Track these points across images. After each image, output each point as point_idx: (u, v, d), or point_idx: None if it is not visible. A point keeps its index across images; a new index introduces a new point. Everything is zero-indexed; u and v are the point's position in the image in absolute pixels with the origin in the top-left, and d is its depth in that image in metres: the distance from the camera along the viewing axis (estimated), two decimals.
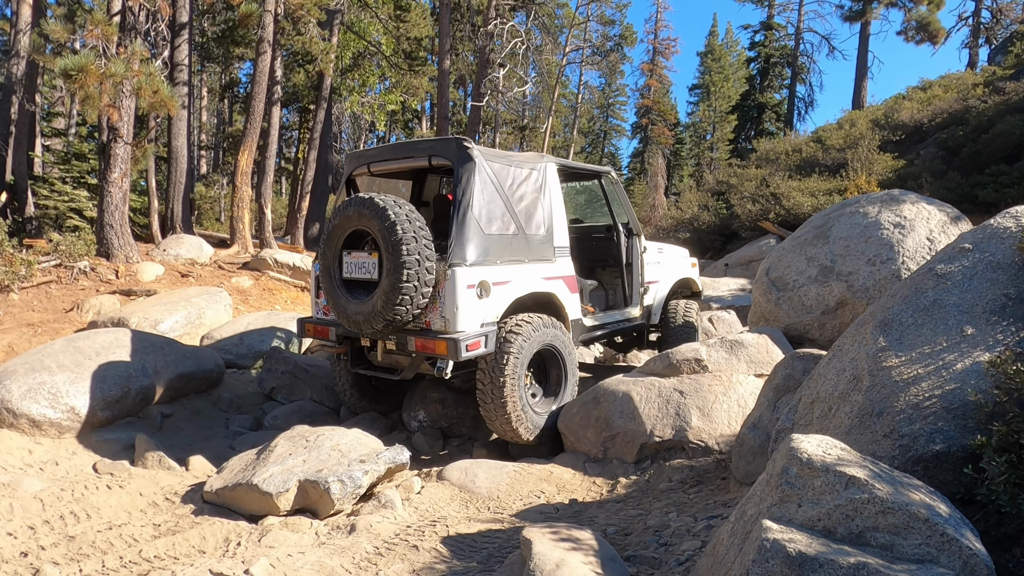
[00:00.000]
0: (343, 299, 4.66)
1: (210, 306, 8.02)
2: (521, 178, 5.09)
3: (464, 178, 4.63)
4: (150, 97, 9.18)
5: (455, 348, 4.37)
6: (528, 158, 5.29)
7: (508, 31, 16.92)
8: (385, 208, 4.37)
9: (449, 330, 4.48)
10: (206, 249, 11.57)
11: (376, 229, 4.40)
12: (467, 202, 4.58)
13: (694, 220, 18.25)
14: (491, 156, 4.87)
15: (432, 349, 4.48)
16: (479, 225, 4.64)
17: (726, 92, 45.74)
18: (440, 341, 4.42)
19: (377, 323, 4.47)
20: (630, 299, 6.35)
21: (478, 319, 4.59)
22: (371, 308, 4.45)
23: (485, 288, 4.63)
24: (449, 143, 4.83)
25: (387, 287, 4.34)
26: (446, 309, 4.49)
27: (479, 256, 4.61)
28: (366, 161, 5.39)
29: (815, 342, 5.17)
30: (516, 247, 4.93)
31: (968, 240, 3.12)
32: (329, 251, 4.76)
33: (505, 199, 4.90)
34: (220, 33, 17.71)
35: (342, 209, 4.63)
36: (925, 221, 4.97)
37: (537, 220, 5.15)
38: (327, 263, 4.77)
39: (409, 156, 5.15)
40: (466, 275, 4.50)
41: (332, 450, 4.20)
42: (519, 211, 5.01)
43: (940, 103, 17.34)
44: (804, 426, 3.08)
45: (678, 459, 4.46)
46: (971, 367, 2.61)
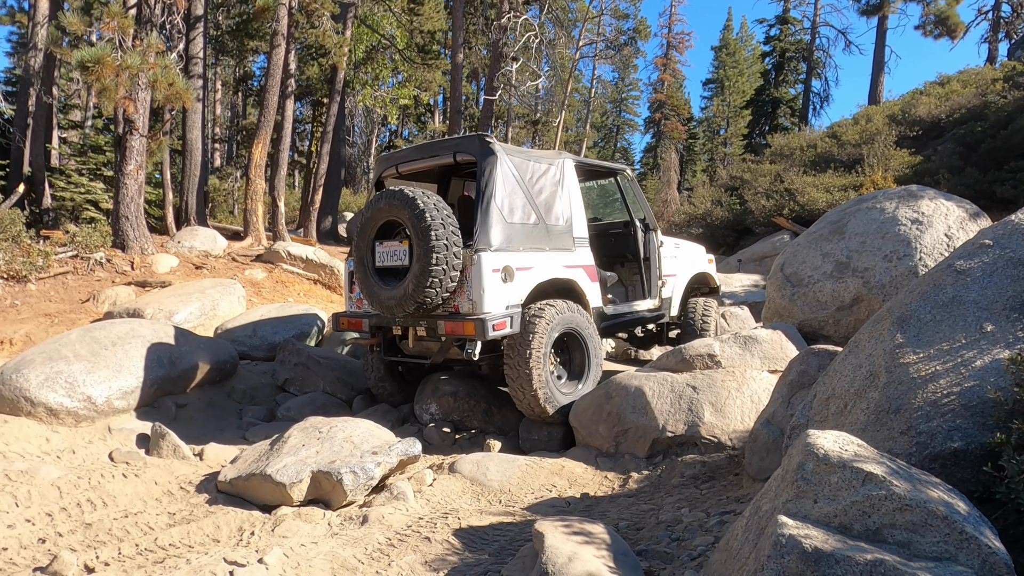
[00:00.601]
0: (376, 286, 4.94)
1: (224, 298, 8.08)
2: (540, 172, 5.36)
3: (487, 171, 4.90)
4: (165, 90, 9.24)
5: (483, 328, 4.63)
6: (547, 154, 5.53)
7: (522, 24, 16.86)
8: (414, 198, 4.64)
9: (476, 312, 4.73)
10: (220, 241, 11.64)
11: (406, 218, 4.67)
12: (490, 192, 4.85)
13: (707, 215, 18.13)
14: (512, 151, 5.13)
15: (461, 331, 4.73)
16: (502, 214, 4.90)
17: (740, 87, 45.34)
18: (468, 322, 4.68)
19: (408, 305, 4.72)
20: (648, 291, 6.53)
21: (503, 302, 4.84)
22: (403, 292, 4.71)
23: (509, 273, 4.89)
24: (472, 139, 5.12)
25: (417, 271, 4.60)
26: (473, 292, 4.75)
27: (502, 243, 4.87)
28: (395, 162, 5.69)
29: (830, 338, 5.13)
30: (537, 236, 5.19)
31: (988, 236, 3.08)
32: (362, 242, 5.04)
33: (526, 191, 5.16)
34: (235, 26, 17.76)
35: (374, 202, 4.92)
36: (943, 217, 4.91)
37: (557, 212, 5.42)
38: (360, 254, 5.05)
39: (435, 155, 5.45)
40: (491, 260, 4.76)
41: (345, 442, 4.23)
42: (539, 203, 5.27)
43: (958, 98, 17.11)
44: (819, 422, 3.06)
45: (690, 455, 4.45)
46: (991, 364, 2.58)
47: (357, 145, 40.40)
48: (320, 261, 11.48)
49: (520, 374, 4.92)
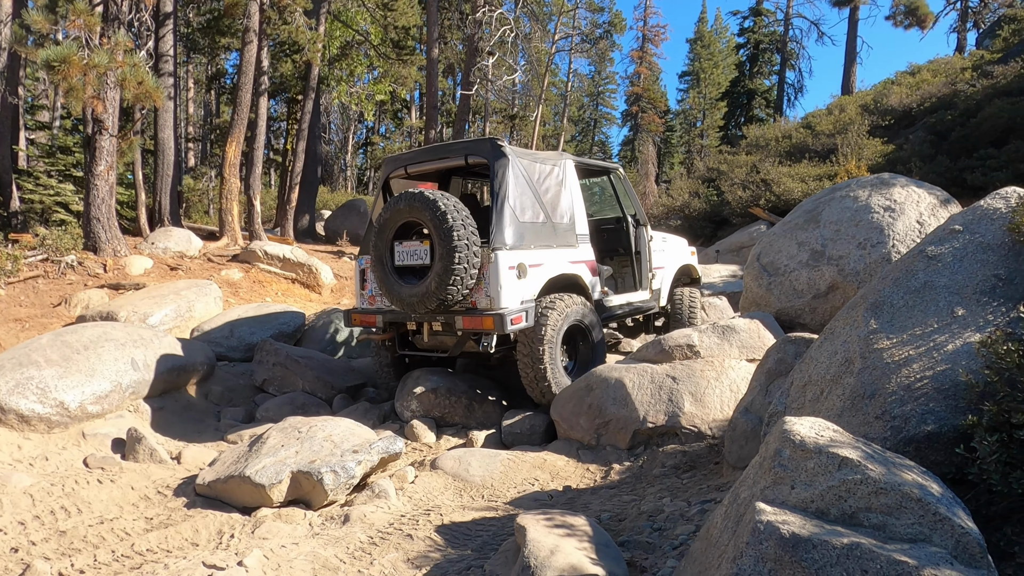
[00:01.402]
0: (396, 284, 5.09)
1: (200, 299, 7.97)
2: (545, 172, 5.59)
3: (500, 173, 5.10)
4: (135, 88, 9.07)
5: (501, 322, 4.84)
6: (550, 155, 5.75)
7: (497, 19, 16.80)
8: (436, 200, 4.83)
9: (494, 307, 4.94)
10: (195, 242, 11.47)
11: (428, 219, 4.85)
12: (504, 193, 5.06)
13: (685, 207, 18.25)
14: (520, 153, 5.33)
15: (479, 325, 4.93)
16: (515, 214, 5.12)
17: (716, 79, 45.66)
18: (487, 317, 4.89)
19: (431, 303, 4.90)
20: (640, 283, 6.78)
21: (518, 297, 5.06)
22: (425, 289, 4.88)
23: (523, 270, 5.12)
24: (484, 143, 5.32)
25: (440, 270, 4.78)
26: (490, 288, 4.95)
27: (516, 241, 5.09)
28: (403, 163, 5.81)
29: (806, 326, 5.18)
30: (545, 233, 5.43)
31: (958, 222, 3.12)
32: (381, 242, 5.17)
33: (534, 191, 5.38)
34: (206, 23, 17.49)
35: (393, 204, 5.05)
36: (915, 204, 4.98)
37: (561, 210, 5.65)
38: (379, 253, 5.18)
39: (445, 157, 5.64)
40: (507, 258, 4.98)
41: (325, 441, 4.19)
42: (546, 202, 5.50)
43: (929, 88, 17.38)
44: (796, 409, 3.09)
45: (671, 445, 4.47)
46: (962, 348, 2.61)
47: (334, 142, 40.05)
48: (298, 260, 11.36)
49: (534, 364, 5.16)
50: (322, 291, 11.56)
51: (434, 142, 17.54)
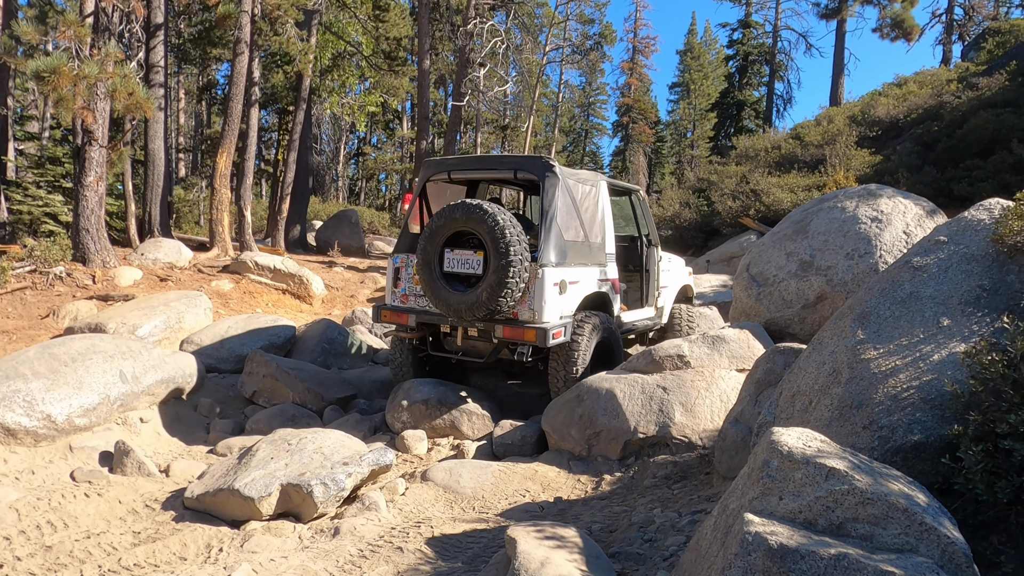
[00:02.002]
0: (444, 290, 5.18)
1: (189, 310, 7.92)
2: (585, 192, 5.76)
3: (549, 191, 5.22)
4: (125, 99, 9.04)
5: (544, 336, 4.98)
6: (588, 176, 5.91)
7: (488, 30, 16.89)
8: (494, 214, 4.94)
9: (536, 321, 5.10)
10: (185, 252, 11.42)
11: (484, 232, 4.97)
12: (552, 212, 5.19)
13: (676, 217, 18.34)
14: (566, 173, 5.46)
15: (521, 337, 5.08)
16: (560, 232, 5.28)
17: (706, 90, 46.01)
18: (529, 330, 5.04)
19: (480, 312, 5.03)
20: (647, 300, 6.99)
21: (558, 312, 5.25)
22: (475, 299, 5.00)
23: (563, 286, 5.29)
24: (535, 161, 5.43)
25: (494, 282, 4.91)
26: (535, 302, 5.10)
27: (560, 258, 5.25)
28: (448, 168, 5.86)
29: (796, 336, 5.21)
30: (583, 252, 5.63)
31: (943, 233, 3.16)
32: (431, 247, 5.23)
33: (577, 210, 5.55)
34: (197, 34, 17.49)
35: (449, 212, 5.13)
36: (902, 215, 5.03)
37: (596, 229, 5.86)
38: (428, 258, 5.24)
39: (493, 168, 5.87)
40: (552, 274, 5.16)
41: (315, 453, 4.17)
42: (585, 220, 5.69)
43: (915, 99, 17.58)
44: (785, 419, 3.11)
45: (662, 455, 4.48)
46: (947, 358, 2.64)
47: (325, 152, 40.04)
48: (288, 271, 11.33)
49: (567, 376, 5.33)
50: (313, 302, 11.53)
51: (426, 153, 17.58)
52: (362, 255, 17.32)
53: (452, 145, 18.12)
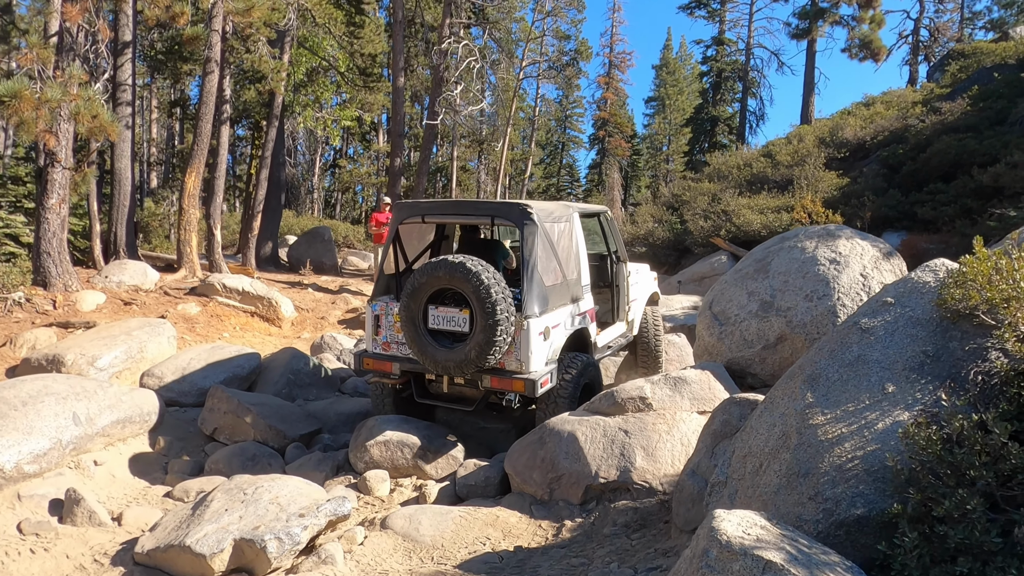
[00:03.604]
0: (430, 347, 5.16)
1: (152, 339, 7.78)
2: (561, 231, 5.76)
3: (529, 240, 5.22)
4: (89, 122, 8.89)
5: (532, 387, 5.04)
6: (561, 211, 5.86)
7: (463, 49, 16.93)
8: (479, 273, 4.90)
9: (524, 371, 5.14)
10: (151, 274, 11.24)
11: (469, 291, 4.93)
12: (533, 261, 5.19)
13: (649, 236, 18.46)
14: (543, 216, 5.43)
15: (509, 387, 5.14)
16: (542, 280, 5.28)
17: (681, 105, 46.57)
18: (518, 380, 5.09)
19: (469, 369, 5.06)
20: (618, 315, 7.07)
21: (543, 358, 5.30)
22: (464, 357, 5.00)
23: (547, 332, 5.33)
24: (513, 208, 5.39)
25: (482, 340, 4.90)
26: (521, 353, 5.13)
27: (542, 306, 5.26)
28: (421, 212, 5.81)
29: (757, 376, 5.26)
30: (562, 292, 5.64)
31: (891, 293, 3.21)
32: (414, 304, 5.17)
33: (554, 252, 5.57)
34: (167, 48, 17.29)
35: (431, 270, 5.06)
36: (859, 257, 5.11)
37: (572, 265, 5.88)
38: (411, 314, 5.19)
39: (470, 214, 5.87)
40: (537, 324, 5.17)
41: (271, 504, 4.10)
42: (562, 260, 5.70)
43: (882, 121, 17.94)
44: (738, 480, 3.12)
45: (623, 500, 4.47)
46: (891, 427, 2.67)
47: (300, 164, 39.77)
48: (257, 293, 11.19)
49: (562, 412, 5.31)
50: (282, 324, 11.40)
51: (399, 170, 17.53)
52: (335, 273, 17.20)
53: (426, 163, 18.10)
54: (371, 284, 14.98)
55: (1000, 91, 15.24)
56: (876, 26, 27.22)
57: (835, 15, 27.39)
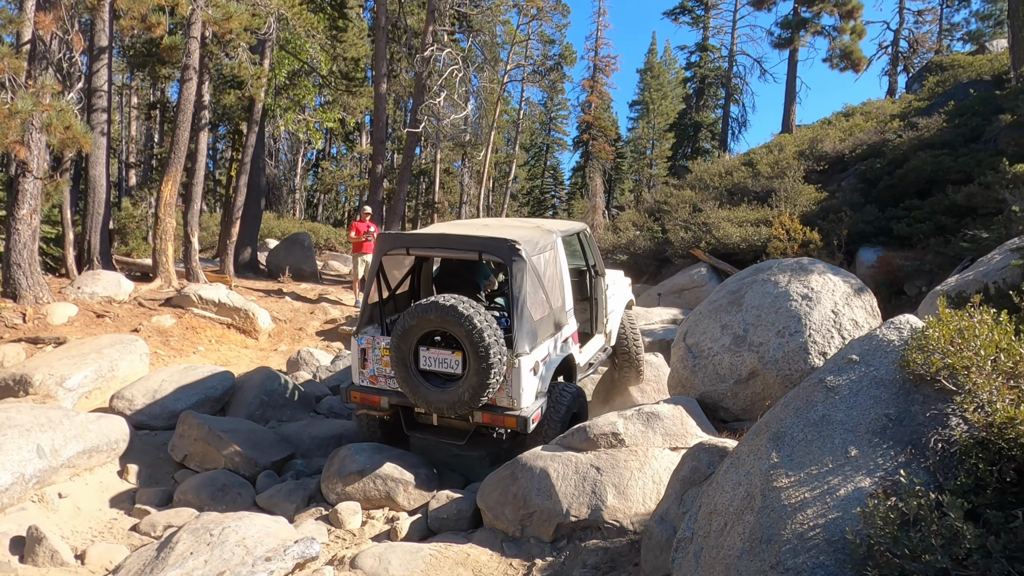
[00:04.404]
0: (422, 388, 5.17)
1: (124, 357, 7.67)
2: (547, 260, 5.75)
3: (518, 276, 5.20)
4: (61, 133, 8.74)
5: (524, 423, 5.14)
6: (543, 239, 5.82)
7: (446, 56, 16.87)
8: (471, 316, 4.87)
9: (515, 407, 5.21)
10: (124, 285, 11.08)
11: (462, 335, 4.90)
12: (523, 298, 5.19)
13: (630, 245, 18.53)
14: (531, 250, 5.41)
15: (502, 423, 5.21)
16: (531, 315, 5.29)
17: (664, 109, 46.78)
18: (510, 417, 5.16)
19: (463, 410, 5.10)
20: (596, 328, 7.10)
21: (534, 392, 5.35)
22: (457, 398, 5.03)
23: (537, 368, 5.37)
24: (501, 244, 5.30)
25: (476, 383, 4.93)
26: (512, 390, 5.16)
27: (532, 342, 5.27)
28: (405, 245, 5.77)
29: (729, 411, 5.29)
30: (548, 323, 5.65)
31: (856, 350, 3.23)
32: (405, 345, 5.15)
33: (541, 284, 5.55)
34: (146, 51, 17.05)
35: (422, 312, 5.02)
36: (831, 293, 5.16)
37: (556, 293, 5.88)
38: (402, 356, 5.17)
39: (456, 248, 5.78)
40: (528, 361, 5.20)
41: (237, 546, 4.05)
42: (548, 291, 5.69)
43: (861, 134, 18.14)
44: (703, 537, 3.13)
45: (593, 539, 4.47)
46: (853, 493, 2.68)
47: (282, 163, 39.44)
48: (234, 304, 11.08)
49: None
50: (259, 336, 11.29)
51: (381, 176, 17.45)
52: (315, 280, 17.07)
53: (408, 169, 18.03)
54: (351, 292, 14.89)
55: (975, 108, 15.45)
56: (856, 37, 27.54)
57: (817, 25, 27.67)
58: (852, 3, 26.53)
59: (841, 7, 26.65)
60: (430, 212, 31.92)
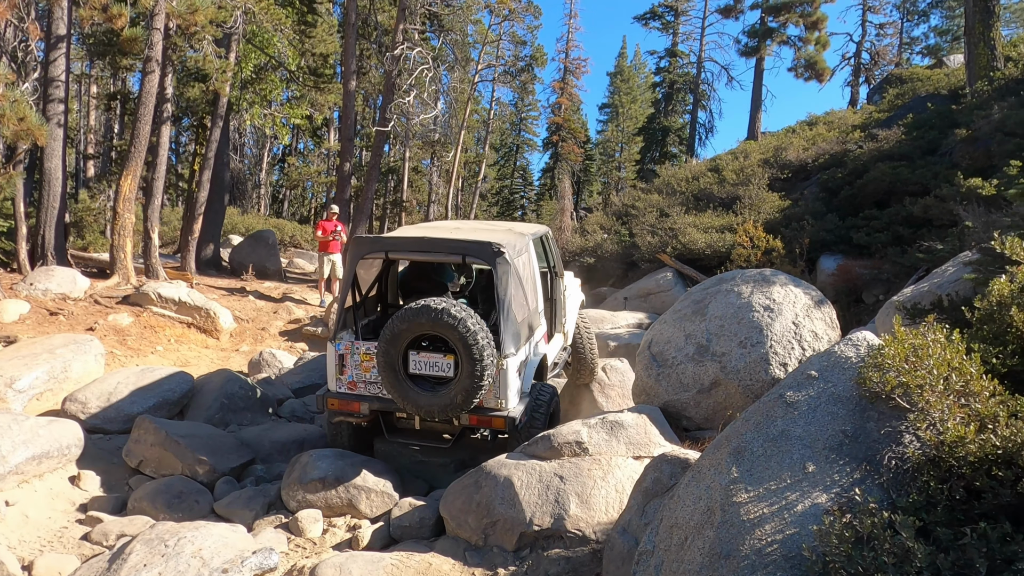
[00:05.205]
0: (412, 392, 5.15)
1: (77, 357, 7.45)
2: (524, 263, 5.83)
3: (503, 279, 5.27)
4: (15, 125, 8.47)
5: (512, 423, 5.27)
6: (519, 241, 5.87)
7: (416, 55, 16.75)
8: (465, 320, 4.91)
9: (502, 408, 5.31)
10: (80, 282, 10.76)
11: (456, 338, 4.94)
12: (508, 301, 5.27)
13: (598, 248, 18.63)
14: (512, 253, 5.47)
15: (489, 424, 5.31)
16: (515, 318, 5.38)
17: (634, 113, 47.17)
18: (497, 418, 5.27)
19: (455, 413, 5.15)
20: (556, 327, 7.14)
21: (519, 394, 5.49)
22: (449, 401, 5.06)
23: (520, 368, 5.48)
24: (485, 248, 5.31)
25: (468, 385, 4.97)
26: (500, 391, 5.26)
27: (516, 343, 5.35)
28: (384, 248, 5.76)
29: (691, 419, 5.35)
30: (527, 325, 5.77)
31: (815, 366, 3.29)
32: (393, 350, 5.11)
33: (522, 286, 5.64)
34: (106, 40, 16.56)
35: (413, 316, 4.99)
36: (792, 305, 5.25)
37: (531, 295, 5.98)
38: (391, 360, 5.12)
39: (438, 252, 5.70)
40: (514, 363, 5.32)
41: (192, 557, 3.96)
42: (526, 292, 5.79)
43: (823, 144, 18.51)
44: (664, 551, 3.16)
45: (556, 548, 4.48)
46: (810, 509, 2.73)
47: (248, 158, 38.75)
48: (194, 303, 10.84)
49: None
50: (220, 336, 11.07)
51: (349, 173, 17.25)
52: (279, 278, 16.80)
53: (376, 168, 17.87)
54: (316, 291, 14.70)
55: (932, 122, 15.89)
56: (821, 48, 28.19)
57: (783, 35, 28.23)
58: (817, 14, 27.14)
59: (806, 18, 27.23)
60: (398, 211, 31.68)
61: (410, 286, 6.94)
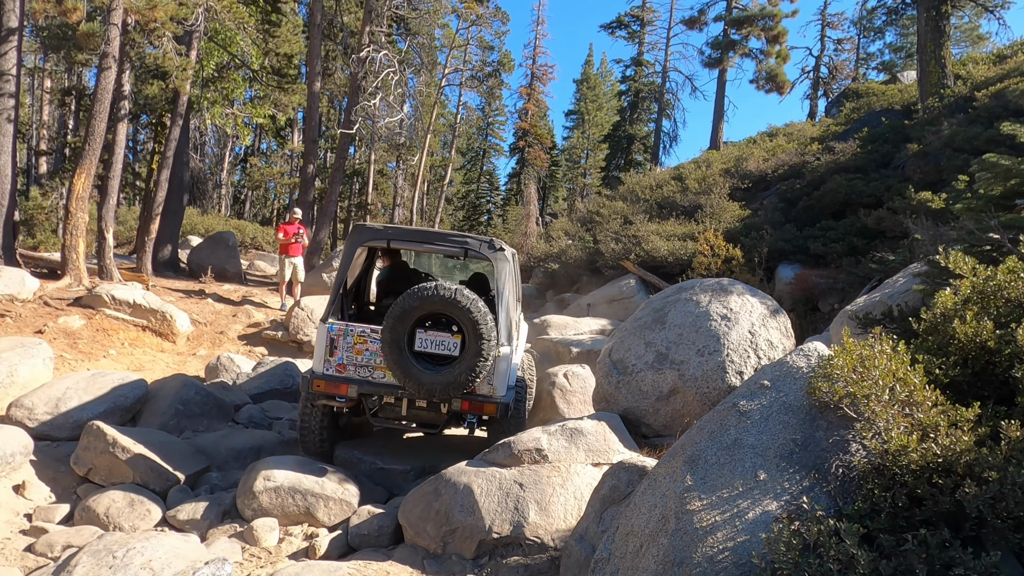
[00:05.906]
0: (415, 369, 5.28)
1: (24, 362, 7.21)
2: (515, 266, 6.09)
3: (503, 274, 5.59)
4: None
5: (505, 409, 5.46)
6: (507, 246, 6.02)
7: (382, 57, 16.66)
8: (474, 300, 5.17)
9: (495, 395, 5.50)
10: (29, 282, 10.41)
11: (466, 319, 5.18)
12: (507, 294, 5.62)
13: (562, 254, 18.75)
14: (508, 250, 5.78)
15: (481, 410, 5.48)
16: (509, 310, 5.66)
17: (599, 120, 47.63)
18: (490, 404, 5.45)
19: (457, 391, 5.30)
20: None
21: (507, 383, 5.66)
22: (453, 379, 5.23)
23: (511, 359, 5.70)
24: (486, 243, 5.66)
25: (472, 364, 5.19)
26: (493, 378, 5.46)
27: (509, 334, 5.62)
28: (386, 238, 5.89)
29: (650, 426, 5.42)
30: (515, 323, 6.03)
31: (767, 376, 3.36)
32: (401, 327, 5.26)
33: (516, 283, 5.95)
34: (61, 34, 16.11)
35: (424, 295, 5.19)
36: (748, 314, 5.36)
37: (516, 294, 6.26)
38: (396, 337, 5.26)
39: (439, 244, 5.92)
40: (507, 351, 5.56)
41: (142, 569, 3.87)
42: (515, 293, 6.10)
43: (783, 155, 18.96)
44: (620, 558, 3.19)
45: (515, 556, 4.49)
46: (760, 517, 2.79)
47: (208, 157, 38.02)
48: (150, 306, 10.58)
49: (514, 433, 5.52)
50: (177, 339, 10.82)
51: (312, 176, 17.06)
52: (239, 281, 16.52)
53: (340, 170, 17.70)
54: (276, 295, 14.48)
55: (886, 136, 16.39)
56: (782, 61, 28.86)
57: (745, 48, 28.82)
58: (778, 28, 27.79)
59: (768, 31, 27.86)
60: (363, 213, 31.41)
61: (388, 287, 6.95)
